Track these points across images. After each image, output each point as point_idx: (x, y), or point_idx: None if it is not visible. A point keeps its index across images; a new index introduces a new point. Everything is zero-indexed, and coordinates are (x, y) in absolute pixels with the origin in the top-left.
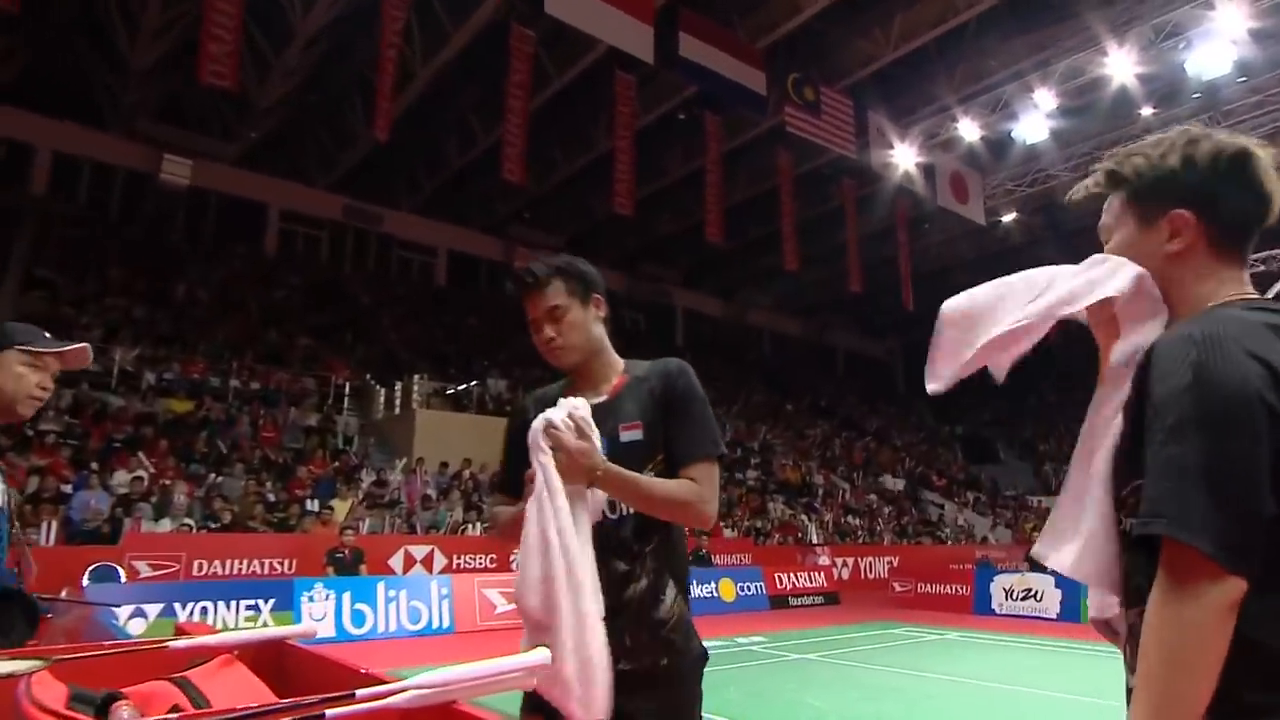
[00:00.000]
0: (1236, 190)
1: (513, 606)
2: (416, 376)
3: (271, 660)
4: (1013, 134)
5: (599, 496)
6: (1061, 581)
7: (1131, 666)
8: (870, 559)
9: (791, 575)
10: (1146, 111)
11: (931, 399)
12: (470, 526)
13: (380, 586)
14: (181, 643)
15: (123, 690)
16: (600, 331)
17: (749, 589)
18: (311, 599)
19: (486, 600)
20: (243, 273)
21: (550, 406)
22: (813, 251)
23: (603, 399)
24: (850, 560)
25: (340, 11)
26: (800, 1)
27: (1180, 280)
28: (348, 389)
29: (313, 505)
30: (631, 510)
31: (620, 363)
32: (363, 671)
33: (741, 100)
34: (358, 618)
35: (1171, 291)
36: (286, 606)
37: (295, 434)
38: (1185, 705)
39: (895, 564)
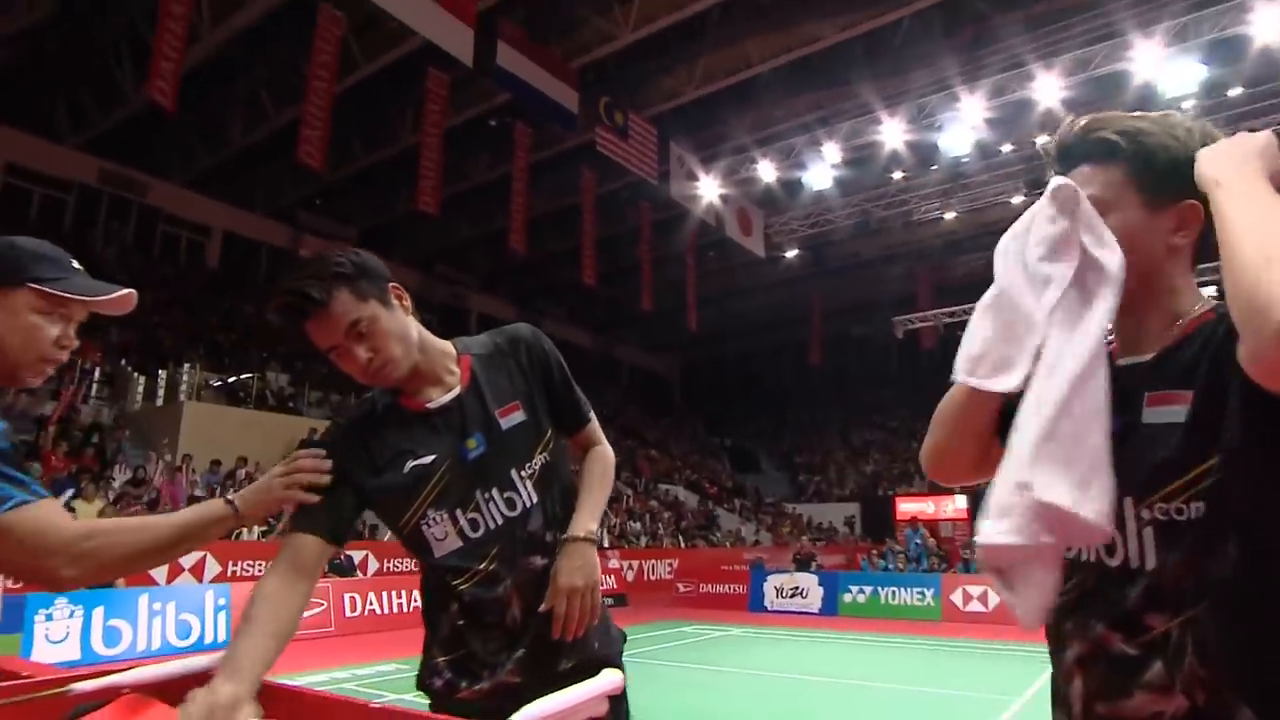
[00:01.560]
0: None
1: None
2: (186, 366)
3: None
4: (803, 179)
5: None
6: (823, 579)
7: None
8: (654, 561)
9: None
10: (897, 175)
11: (703, 413)
12: (244, 531)
13: (142, 599)
14: (90, 685)
15: None
16: (414, 324)
17: None
18: (49, 618)
19: None
20: None
21: (389, 416)
22: (607, 268)
23: (455, 392)
24: (636, 563)
25: None
26: (613, 30)
27: (1171, 275)
28: (97, 374)
29: None
30: (534, 501)
31: (450, 346)
32: (323, 695)
33: (554, 115)
34: (111, 636)
35: (1158, 284)
36: (14, 629)
37: (25, 424)
38: None
39: (676, 566)
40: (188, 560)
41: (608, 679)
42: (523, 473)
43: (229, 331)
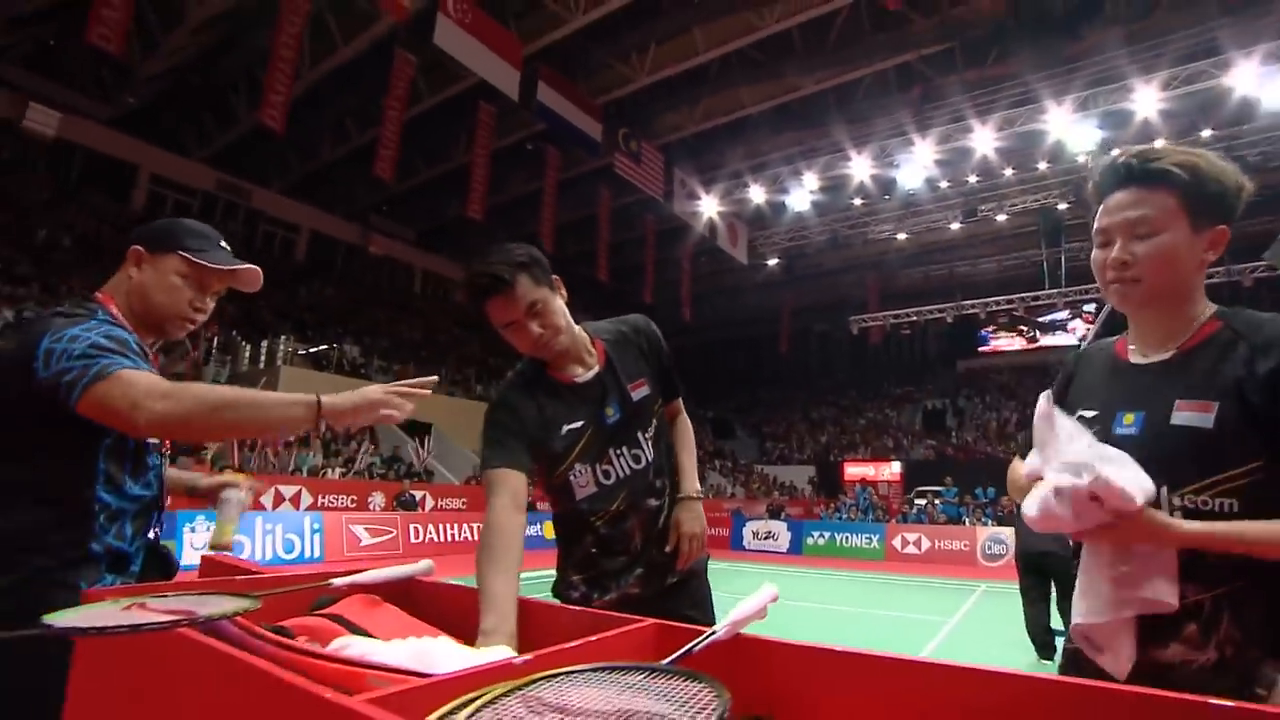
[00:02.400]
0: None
1: (376, 540)
2: (282, 337)
3: (401, 596)
4: (786, 202)
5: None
6: (791, 526)
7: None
8: None
9: None
10: (858, 201)
11: (688, 389)
12: (329, 470)
13: (258, 520)
14: (343, 581)
15: (287, 625)
16: (566, 310)
17: None
18: (193, 529)
19: (353, 535)
20: (106, 224)
21: (542, 389)
22: (617, 268)
23: (595, 370)
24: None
25: (229, 6)
26: (631, 75)
27: (1194, 285)
28: (215, 342)
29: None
30: (651, 457)
31: (584, 331)
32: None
33: (581, 142)
34: (236, 548)
35: (1183, 292)
36: (168, 536)
37: None
38: None
39: None
40: (288, 490)
41: (767, 591)
42: (646, 434)
43: (314, 311)
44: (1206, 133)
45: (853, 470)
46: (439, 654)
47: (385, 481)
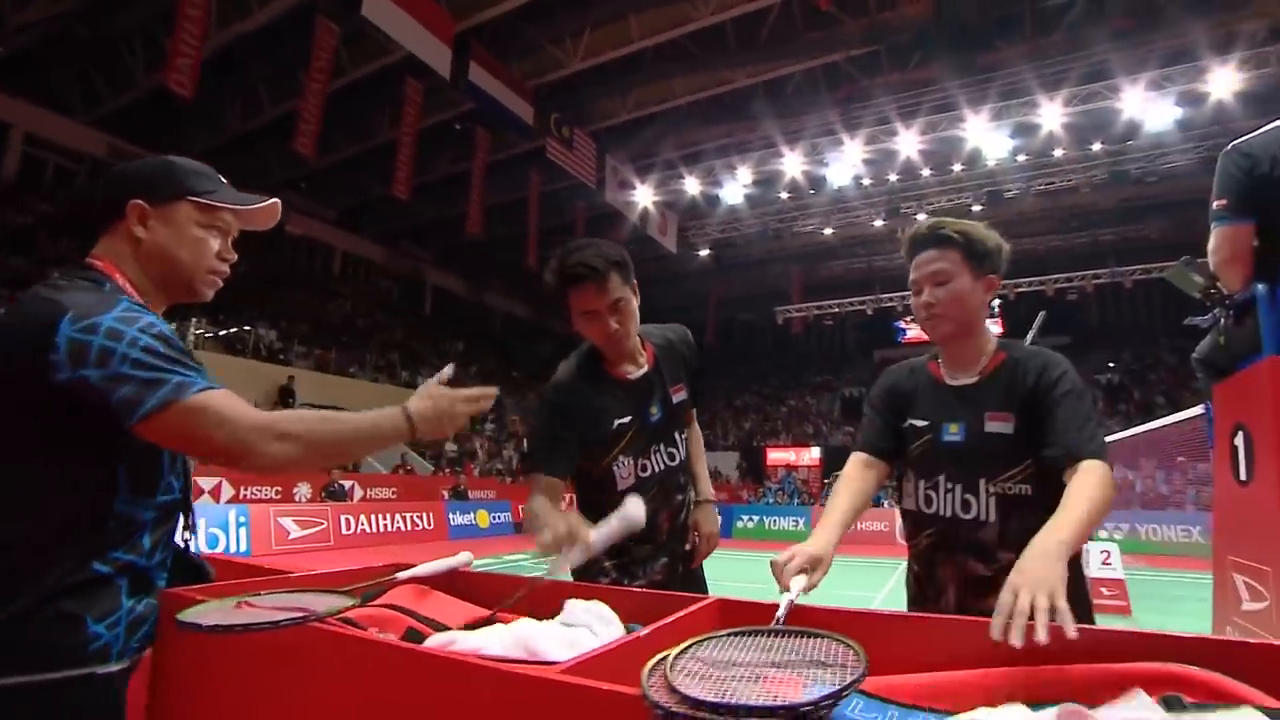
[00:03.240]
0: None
1: (307, 532)
2: (191, 319)
3: (445, 584)
4: (719, 194)
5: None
6: (721, 510)
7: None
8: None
9: None
10: (784, 195)
11: None
12: None
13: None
14: (405, 574)
15: (352, 617)
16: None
17: (499, 518)
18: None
19: (281, 527)
20: None
21: (597, 383)
22: (545, 253)
23: (644, 369)
24: (570, 496)
25: None
26: (565, 59)
27: (981, 321)
28: None
29: None
30: (682, 455)
31: (637, 334)
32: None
33: (512, 125)
34: None
35: (975, 328)
36: None
37: None
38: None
39: None
40: (207, 483)
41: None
42: (680, 434)
43: (224, 292)
44: (1097, 146)
45: (775, 456)
46: (540, 638)
47: (310, 471)
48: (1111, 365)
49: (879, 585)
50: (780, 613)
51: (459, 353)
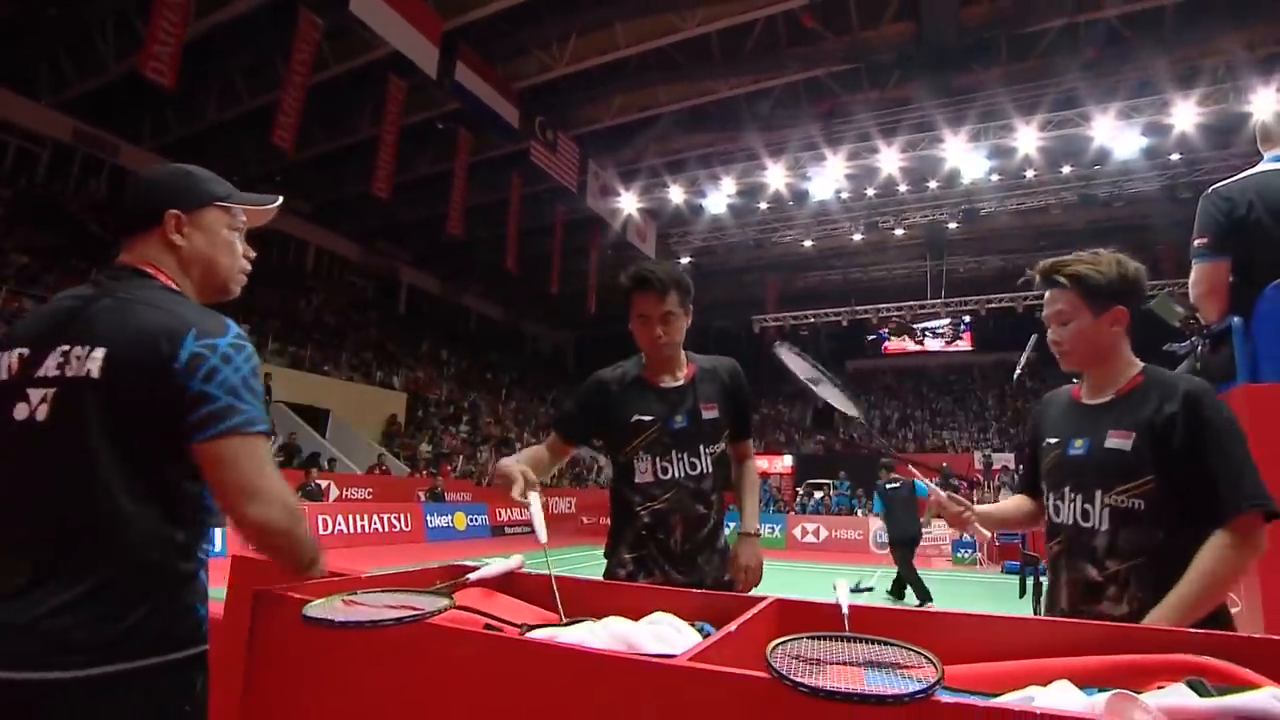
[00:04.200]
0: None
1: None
2: None
3: (505, 586)
4: (703, 204)
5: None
6: None
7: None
8: (557, 499)
9: (507, 510)
10: (763, 205)
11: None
12: None
13: None
14: (475, 576)
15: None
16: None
17: (476, 520)
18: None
19: None
20: None
21: (632, 383)
22: (523, 255)
23: (680, 382)
24: (543, 499)
25: None
26: (550, 63)
27: (1116, 349)
28: None
29: None
30: (709, 470)
31: (683, 353)
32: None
33: (496, 127)
34: None
35: (1108, 356)
36: None
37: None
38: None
39: (576, 502)
40: None
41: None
42: (707, 450)
43: None
44: (1068, 170)
45: None
46: (636, 634)
47: (284, 469)
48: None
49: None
50: (844, 610)
51: (433, 354)
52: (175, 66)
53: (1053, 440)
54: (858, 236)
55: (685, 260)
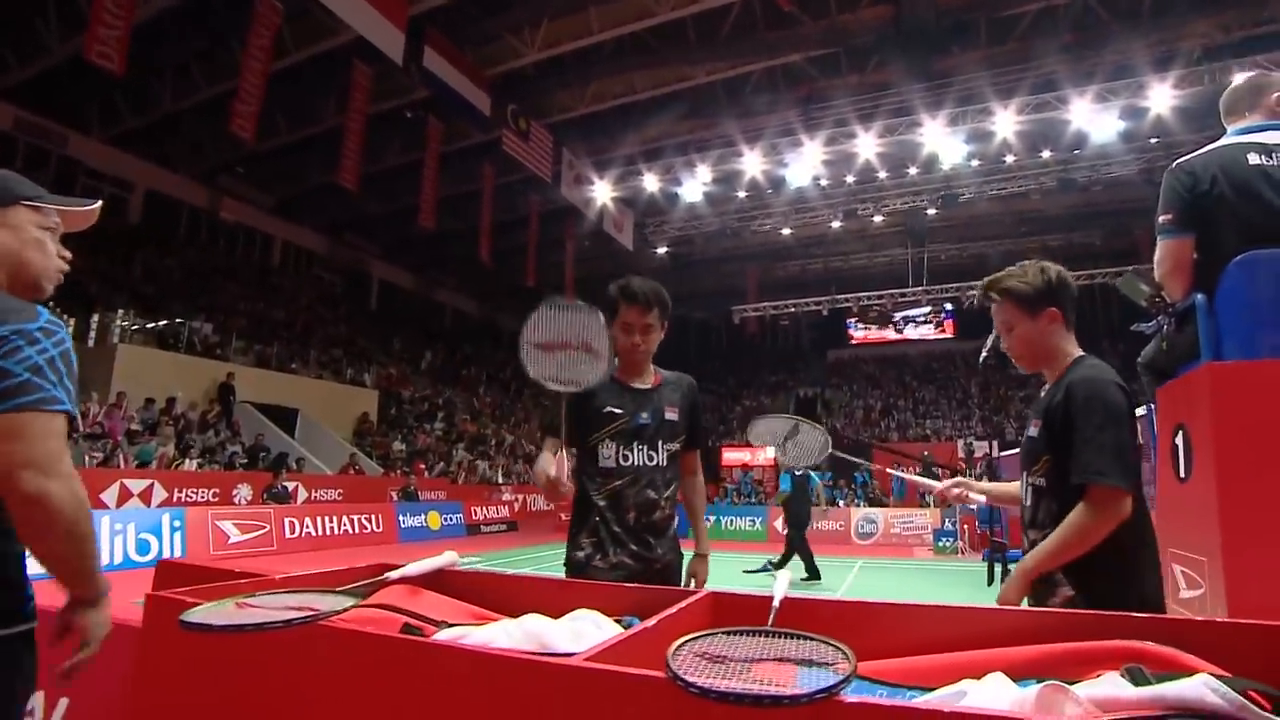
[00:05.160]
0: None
1: (248, 536)
2: (119, 311)
3: (435, 583)
4: (679, 192)
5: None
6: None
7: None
8: (536, 496)
9: (483, 508)
10: (742, 194)
11: None
12: (184, 461)
13: (105, 520)
14: (396, 574)
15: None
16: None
17: (450, 519)
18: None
19: (220, 531)
20: None
21: (607, 381)
22: (496, 247)
23: (648, 386)
24: (522, 496)
25: None
26: (522, 49)
27: (1057, 345)
28: None
29: None
30: (665, 462)
31: (652, 365)
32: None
33: (468, 115)
34: None
35: (1051, 354)
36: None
37: None
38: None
39: None
40: (136, 485)
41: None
42: (665, 445)
43: (153, 282)
44: (1047, 154)
45: (730, 455)
46: (549, 632)
47: (250, 472)
48: None
49: (835, 584)
50: (775, 602)
51: (405, 350)
52: (124, 51)
53: (1032, 431)
54: (837, 224)
55: (662, 250)
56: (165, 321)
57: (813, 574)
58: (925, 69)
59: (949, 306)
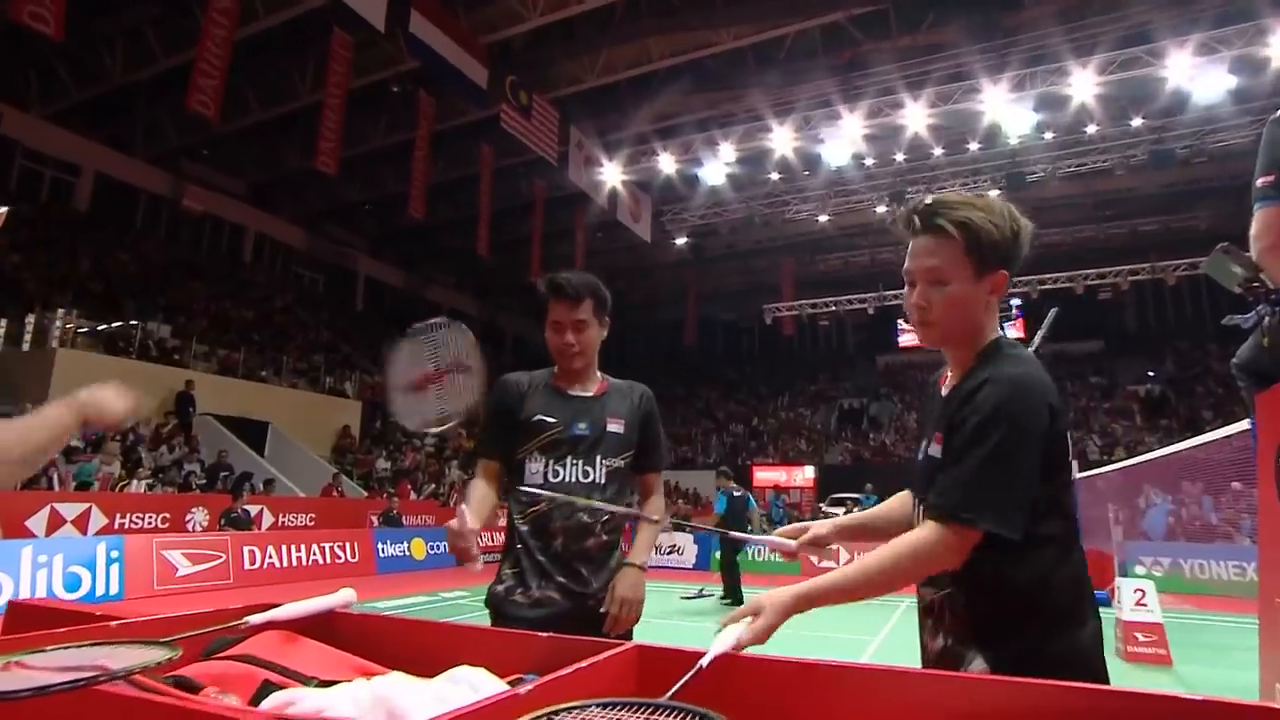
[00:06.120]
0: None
1: (199, 568)
2: (59, 310)
3: (323, 629)
4: (699, 174)
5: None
6: (698, 539)
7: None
8: None
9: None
10: (774, 176)
11: None
12: (132, 482)
13: (24, 551)
14: (260, 617)
15: (188, 675)
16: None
17: (437, 547)
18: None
19: (166, 562)
20: None
21: (541, 386)
22: (497, 239)
23: (590, 393)
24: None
25: None
26: (522, 12)
27: (987, 323)
28: None
29: None
30: (602, 481)
31: (598, 372)
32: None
33: (462, 89)
34: None
35: (974, 332)
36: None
37: None
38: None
39: None
40: (70, 510)
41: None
42: (604, 461)
43: (103, 279)
44: (1137, 122)
45: (763, 475)
46: (404, 699)
47: (209, 494)
48: (1151, 374)
49: (876, 627)
50: (705, 661)
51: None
52: (61, 11)
53: (927, 446)
54: (882, 209)
55: (681, 241)
56: (118, 323)
57: (734, 598)
58: (991, 25)
59: (1017, 302)
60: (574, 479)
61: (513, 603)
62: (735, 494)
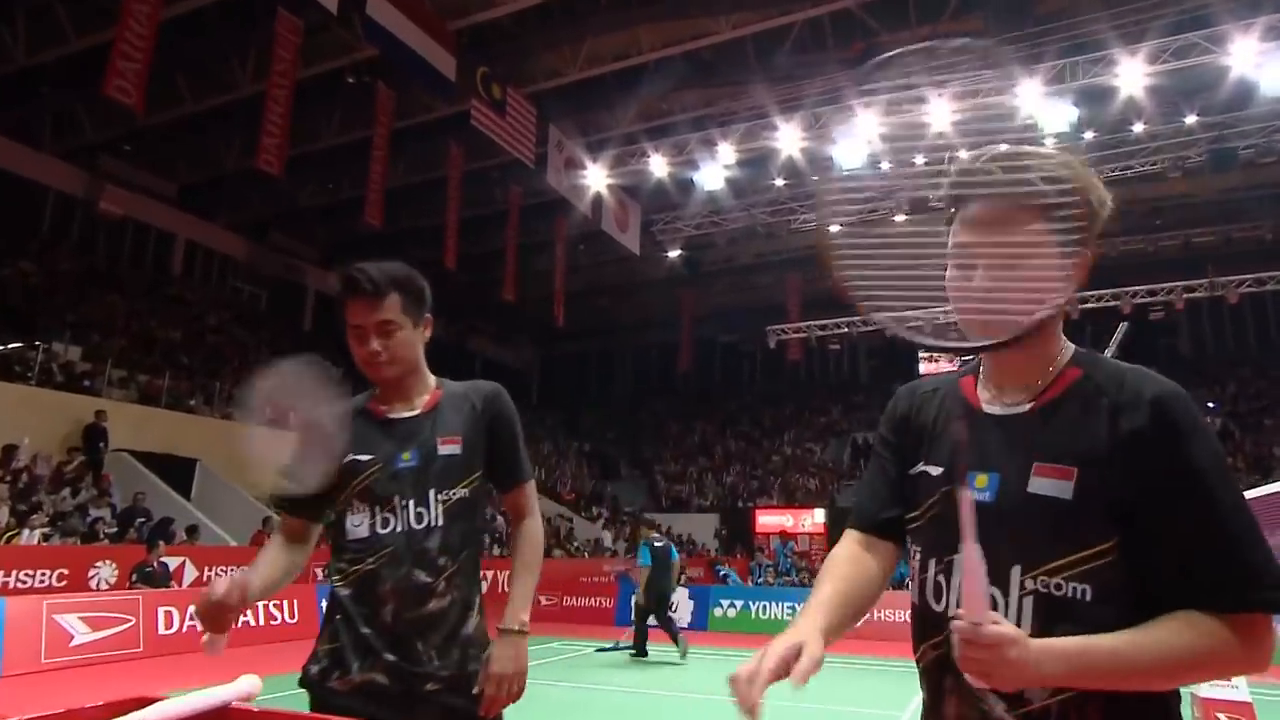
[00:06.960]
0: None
1: (101, 634)
2: None
3: None
4: (694, 178)
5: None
6: (694, 593)
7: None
8: (508, 571)
9: None
10: (779, 182)
11: (560, 412)
12: (24, 532)
13: None
14: (137, 716)
15: None
16: (421, 353)
17: None
18: None
19: (60, 629)
20: None
21: (355, 416)
22: (466, 252)
23: (416, 412)
24: (490, 573)
25: None
26: None
27: (1059, 318)
28: None
29: None
30: (439, 524)
31: (432, 378)
32: None
33: (427, 81)
34: None
35: (1050, 325)
36: None
37: None
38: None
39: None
40: None
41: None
42: (439, 496)
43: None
44: (1192, 118)
45: (766, 520)
46: None
47: (119, 545)
48: (1212, 405)
49: (902, 699)
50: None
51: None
52: None
53: (934, 471)
54: (901, 218)
55: (674, 254)
56: (17, 345)
57: (640, 651)
58: (1024, 10)
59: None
60: (404, 526)
61: (329, 690)
62: (657, 544)
